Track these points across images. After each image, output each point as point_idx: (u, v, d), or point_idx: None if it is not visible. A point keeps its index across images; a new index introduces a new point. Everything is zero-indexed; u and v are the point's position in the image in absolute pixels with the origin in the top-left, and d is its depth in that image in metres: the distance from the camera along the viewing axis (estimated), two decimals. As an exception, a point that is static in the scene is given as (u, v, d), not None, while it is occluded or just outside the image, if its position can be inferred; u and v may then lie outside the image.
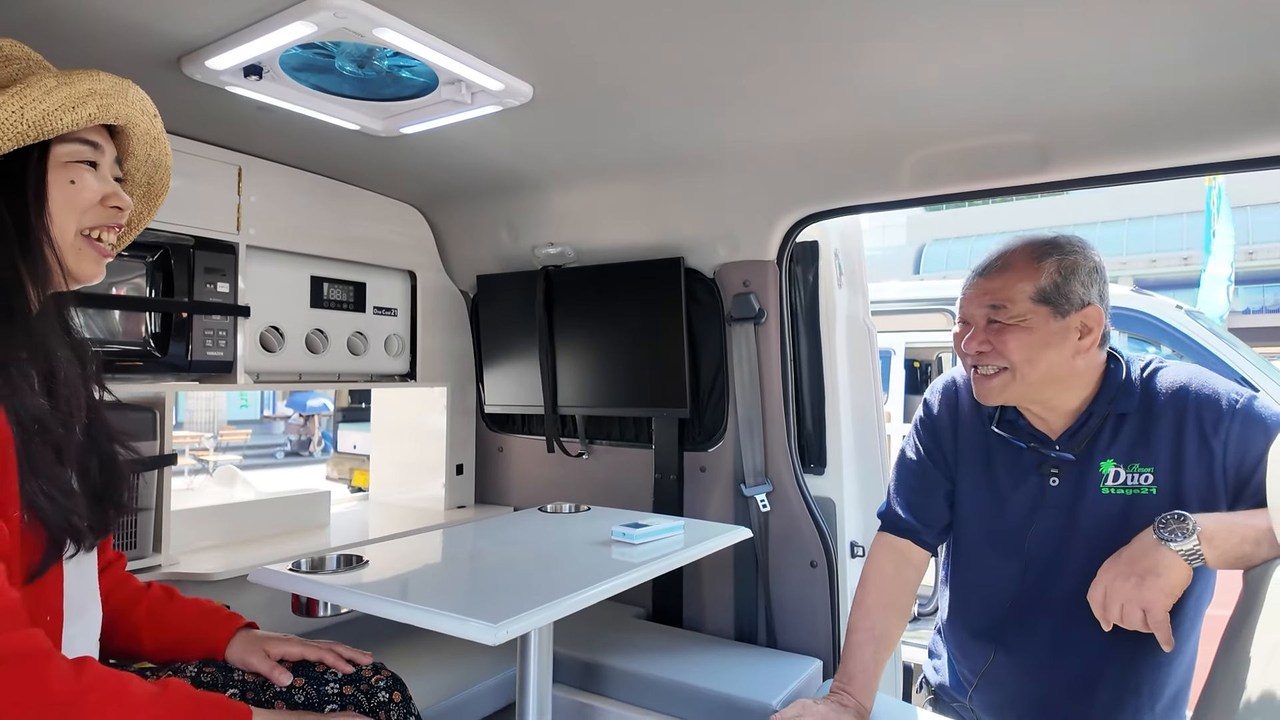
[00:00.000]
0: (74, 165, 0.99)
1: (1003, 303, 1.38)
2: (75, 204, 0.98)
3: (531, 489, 2.61)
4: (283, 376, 2.17)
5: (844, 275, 2.19)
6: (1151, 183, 1.63)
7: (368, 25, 1.25)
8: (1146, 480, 1.35)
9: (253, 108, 1.61)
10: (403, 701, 1.29)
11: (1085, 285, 1.36)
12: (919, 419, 1.64)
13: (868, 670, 1.49)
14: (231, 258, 1.93)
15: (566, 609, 1.14)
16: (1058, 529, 1.42)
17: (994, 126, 1.59)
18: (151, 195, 1.18)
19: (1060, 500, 1.42)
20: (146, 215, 1.20)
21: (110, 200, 1.02)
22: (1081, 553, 1.38)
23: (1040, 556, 1.43)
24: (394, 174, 2.19)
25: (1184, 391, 1.36)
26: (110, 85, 0.99)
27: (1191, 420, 1.33)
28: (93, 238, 1.01)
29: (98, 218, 1.01)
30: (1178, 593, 1.18)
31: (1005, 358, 1.38)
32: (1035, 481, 1.44)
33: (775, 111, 1.60)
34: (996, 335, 1.39)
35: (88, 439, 1.05)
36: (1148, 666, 1.38)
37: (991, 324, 1.40)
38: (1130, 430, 1.38)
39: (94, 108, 0.97)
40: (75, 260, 1.00)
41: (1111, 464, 1.38)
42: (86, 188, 0.99)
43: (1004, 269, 1.40)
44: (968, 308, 1.44)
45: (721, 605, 2.14)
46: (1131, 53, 1.26)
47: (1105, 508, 1.37)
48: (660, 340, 2.15)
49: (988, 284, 1.41)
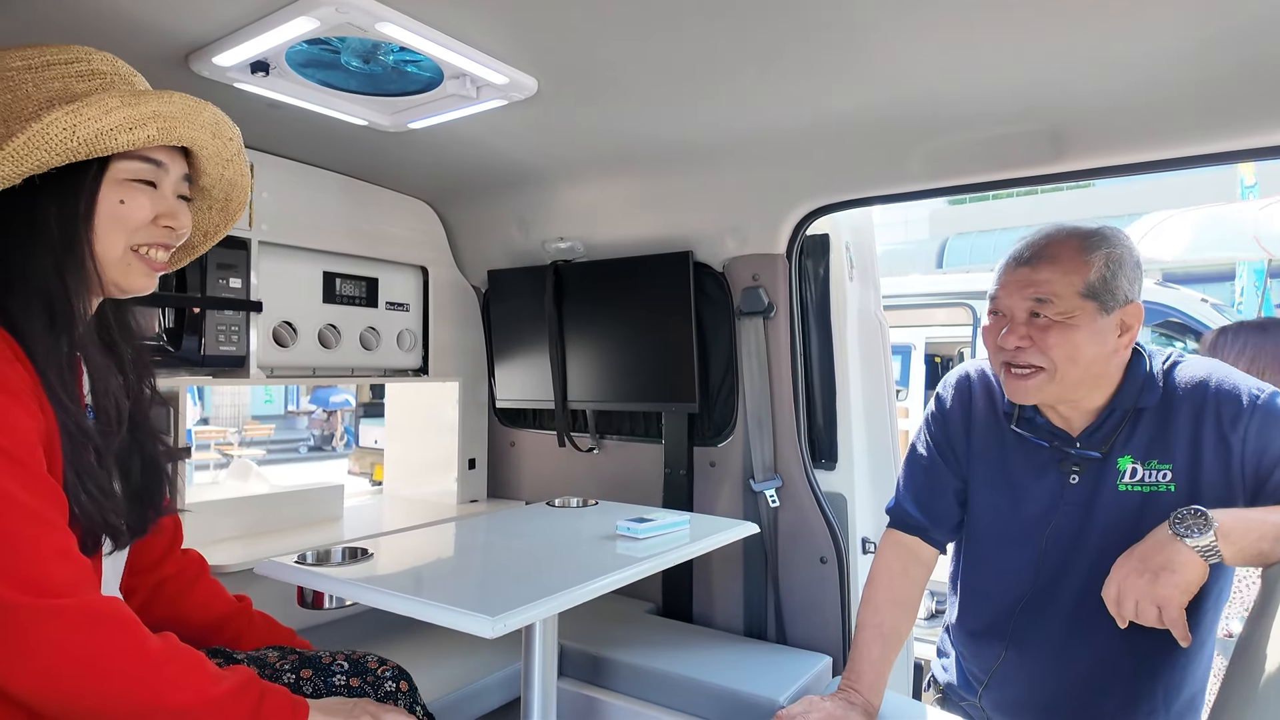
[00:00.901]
0: (130, 184, 0.99)
1: (1049, 297, 1.29)
2: (124, 223, 0.99)
3: (543, 483, 2.62)
4: (296, 371, 2.19)
5: (855, 268, 2.16)
6: (1171, 172, 1.59)
7: (370, 20, 1.25)
8: (1165, 477, 1.32)
9: (262, 104, 1.62)
10: (409, 691, 1.31)
11: (1130, 280, 1.30)
12: (930, 414, 1.60)
13: (876, 668, 1.47)
14: (244, 253, 1.95)
15: (565, 603, 1.14)
16: (1073, 527, 1.38)
17: (1007, 115, 1.56)
18: (229, 210, 1.20)
19: (1078, 498, 1.38)
20: (223, 227, 1.22)
21: (164, 220, 1.02)
22: (1095, 550, 1.35)
23: (1054, 554, 1.40)
24: (404, 170, 2.20)
25: (1203, 386, 1.32)
26: (180, 108, 1.00)
27: (1210, 416, 1.30)
28: (143, 253, 1.02)
29: (149, 236, 1.02)
30: (1194, 589, 1.15)
31: (1047, 356, 1.30)
32: (1054, 479, 1.41)
33: (783, 103, 1.58)
34: (1040, 332, 1.30)
35: (131, 439, 1.08)
36: (1164, 667, 1.35)
37: (1034, 318, 1.31)
38: (1148, 426, 1.34)
39: (154, 129, 0.97)
40: (122, 274, 1.01)
41: (1129, 460, 1.34)
42: (137, 208, 1.00)
43: (1052, 260, 1.30)
44: (1006, 299, 1.34)
45: (731, 601, 2.13)
46: (1147, 38, 1.23)
47: (1122, 505, 1.34)
48: (669, 335, 2.14)
49: (1033, 275, 1.31)
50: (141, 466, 1.09)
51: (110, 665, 0.87)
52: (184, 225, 1.05)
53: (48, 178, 0.93)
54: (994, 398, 1.50)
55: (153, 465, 1.10)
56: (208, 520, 2.00)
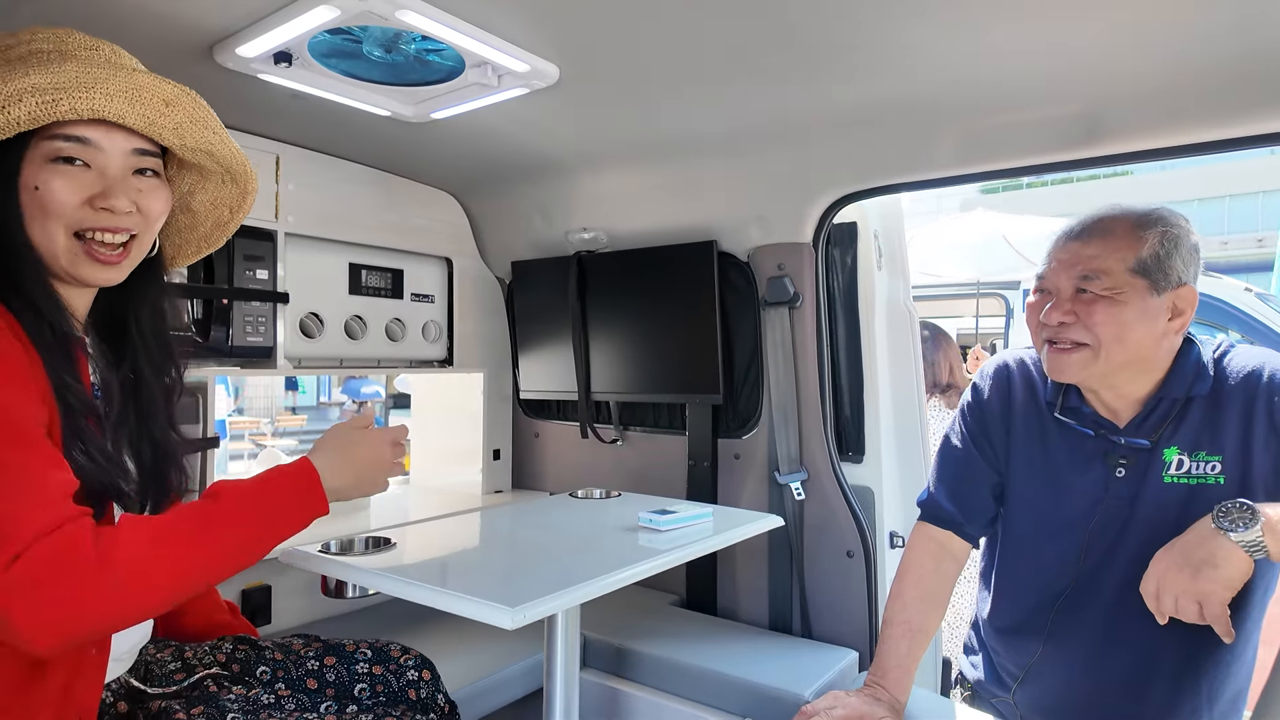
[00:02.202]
0: (53, 165, 0.93)
1: (1096, 272, 1.26)
2: (46, 208, 0.93)
3: (567, 475, 2.62)
4: (322, 362, 2.21)
5: (884, 257, 2.12)
6: (1209, 155, 1.53)
7: (390, 8, 1.24)
8: (1214, 469, 1.27)
9: (286, 95, 1.63)
10: (431, 679, 1.31)
11: (1185, 262, 1.26)
12: (966, 404, 1.55)
13: (903, 664, 1.45)
14: (271, 245, 1.97)
15: (586, 595, 1.13)
16: (1120, 520, 1.34)
17: (1039, 98, 1.51)
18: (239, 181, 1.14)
19: (1125, 491, 1.34)
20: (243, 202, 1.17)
21: (98, 201, 0.95)
22: (1137, 543, 1.30)
23: (1096, 548, 1.36)
24: (428, 161, 2.20)
25: (1255, 376, 1.27)
26: (74, 78, 0.91)
27: (1262, 406, 1.25)
28: (90, 241, 0.96)
29: (86, 220, 0.95)
30: (1237, 585, 1.11)
31: (1091, 332, 1.27)
32: (1099, 470, 1.36)
33: (808, 89, 1.55)
34: (1085, 306, 1.27)
35: (140, 425, 1.08)
36: (1209, 664, 1.30)
37: (1080, 294, 1.28)
38: (1196, 416, 1.29)
39: (33, 104, 0.88)
40: (70, 264, 0.96)
41: (1175, 451, 1.30)
42: (56, 191, 0.93)
43: (1104, 235, 1.28)
44: (1054, 276, 1.32)
45: (756, 594, 2.12)
46: (1183, 17, 1.18)
47: (1166, 497, 1.29)
48: (693, 325, 2.12)
49: (1083, 249, 1.28)
50: (153, 453, 1.08)
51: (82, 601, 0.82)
52: (123, 206, 0.96)
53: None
54: (1035, 388, 1.46)
55: (163, 453, 1.09)
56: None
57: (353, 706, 1.21)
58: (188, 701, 1.14)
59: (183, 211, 1.18)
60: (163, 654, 1.23)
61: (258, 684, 1.22)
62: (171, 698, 1.15)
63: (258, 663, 1.25)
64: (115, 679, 1.12)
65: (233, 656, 1.26)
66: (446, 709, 1.31)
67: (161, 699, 1.14)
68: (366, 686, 1.27)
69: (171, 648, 1.25)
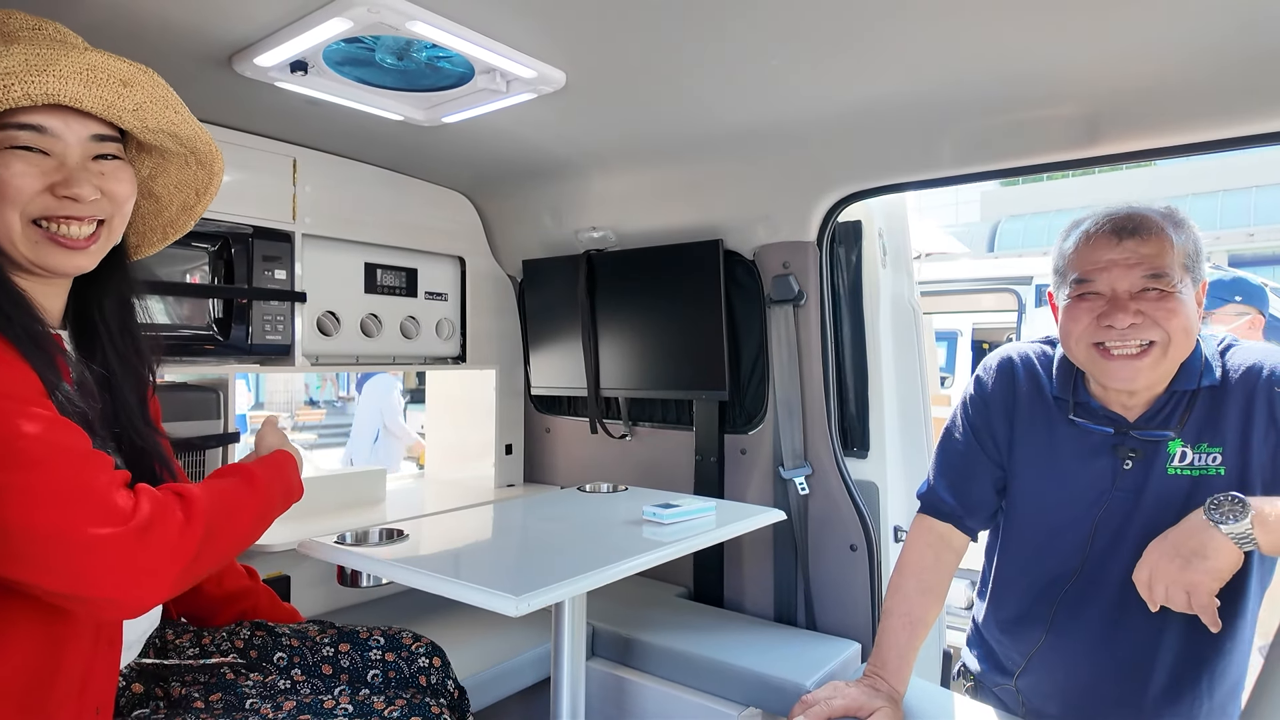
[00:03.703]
0: (8, 152, 0.91)
1: (1161, 269, 1.25)
2: (2, 196, 0.90)
3: (577, 469, 2.67)
4: (339, 359, 2.26)
5: (888, 255, 2.15)
6: (1214, 154, 1.54)
7: (401, 19, 1.29)
8: (1215, 461, 1.29)
9: (302, 102, 1.68)
10: (442, 666, 1.36)
11: (1204, 258, 1.31)
12: (968, 397, 1.55)
13: (902, 655, 1.47)
14: (288, 246, 2.03)
15: (589, 585, 1.17)
16: (1126, 511, 1.36)
17: (1040, 99, 1.53)
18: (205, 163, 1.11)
19: (1131, 484, 1.36)
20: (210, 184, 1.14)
21: (61, 190, 0.93)
22: (1140, 535, 1.32)
23: (1101, 540, 1.38)
24: (441, 162, 2.25)
25: (1255, 370, 1.30)
26: (21, 63, 0.88)
27: (1262, 400, 1.27)
28: (51, 230, 0.94)
29: (46, 208, 0.93)
30: (1225, 576, 1.13)
31: (1161, 329, 1.25)
32: (1107, 464, 1.38)
33: (813, 89, 1.58)
34: (1153, 304, 1.26)
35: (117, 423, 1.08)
36: (1209, 652, 1.33)
37: (1146, 293, 1.27)
38: (1200, 410, 1.32)
39: None
40: (33, 252, 0.94)
41: (1179, 444, 1.32)
42: (18, 175, 0.90)
43: (1157, 233, 1.27)
44: (1111, 277, 1.29)
45: (761, 586, 2.15)
46: (1185, 16, 1.20)
47: (1170, 488, 1.32)
48: (700, 322, 2.16)
49: (1140, 248, 1.27)
50: (135, 453, 1.08)
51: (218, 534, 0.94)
52: (88, 195, 0.94)
53: None
54: (1039, 381, 1.47)
55: (146, 452, 1.10)
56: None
57: (365, 690, 1.26)
58: (206, 688, 1.19)
59: (145, 197, 1.13)
60: (181, 639, 1.28)
61: (274, 669, 1.27)
62: (185, 673, 1.21)
63: (274, 649, 1.31)
64: (126, 665, 1.16)
65: (250, 643, 1.31)
66: (456, 694, 1.35)
67: (181, 686, 1.20)
68: (379, 673, 1.32)
69: (190, 633, 1.30)
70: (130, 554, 0.84)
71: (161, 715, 1.13)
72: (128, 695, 1.15)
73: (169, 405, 1.77)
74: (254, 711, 1.14)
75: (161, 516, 0.87)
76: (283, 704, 1.16)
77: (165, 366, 1.83)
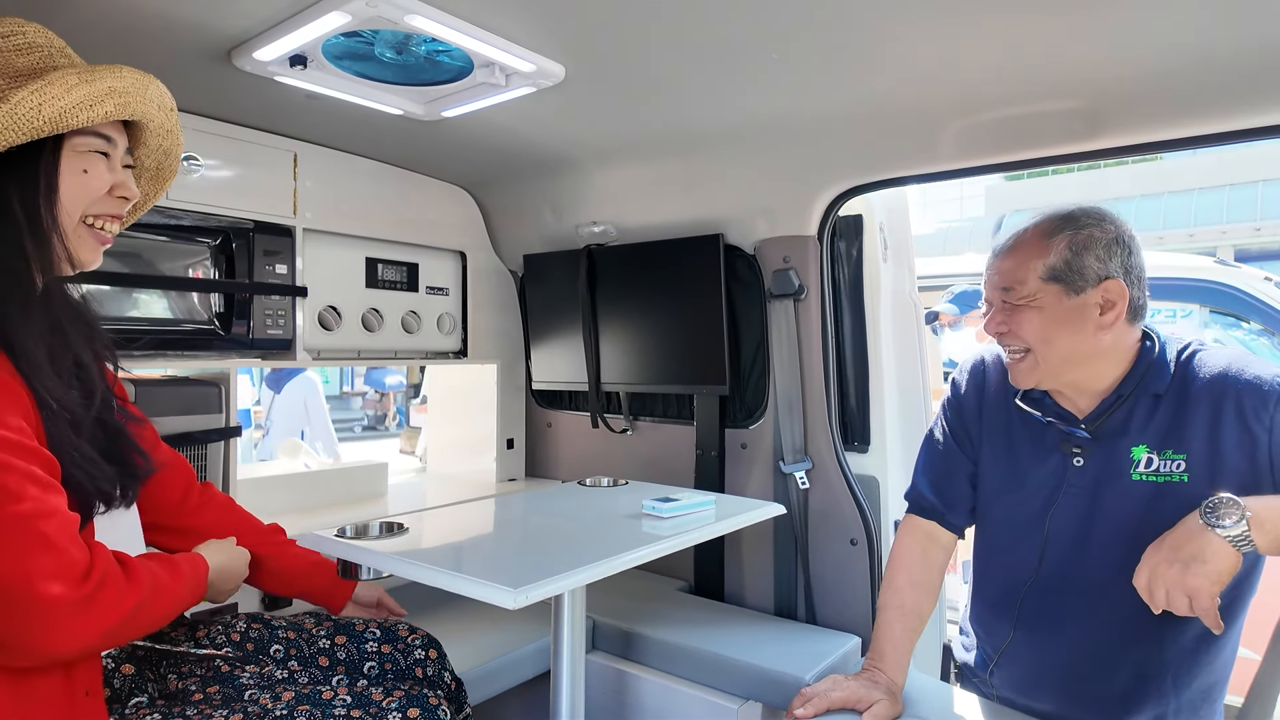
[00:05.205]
0: (88, 155, 1.01)
1: (1012, 284, 1.37)
2: (85, 193, 1.01)
3: (578, 464, 2.67)
4: (341, 354, 2.27)
5: (889, 249, 2.14)
6: (1216, 147, 1.54)
7: (399, 13, 1.29)
8: (1179, 467, 1.31)
9: (302, 96, 1.69)
10: (438, 659, 1.37)
11: (1102, 259, 1.32)
12: (946, 399, 1.63)
13: (898, 647, 1.49)
14: (289, 240, 2.03)
15: (586, 578, 1.17)
16: (1081, 511, 1.39)
17: (1040, 93, 1.52)
18: (159, 179, 1.22)
19: (1084, 482, 1.39)
20: (153, 197, 1.24)
21: (118, 190, 1.05)
22: (1105, 536, 1.36)
23: (1061, 537, 1.41)
24: (441, 157, 2.25)
25: (1223, 376, 1.31)
26: (132, 83, 1.02)
27: (1231, 406, 1.28)
28: (95, 226, 1.05)
29: (104, 207, 1.04)
30: (1225, 579, 1.14)
31: (1020, 338, 1.37)
32: (1058, 461, 1.42)
33: (812, 83, 1.57)
34: (1010, 316, 1.38)
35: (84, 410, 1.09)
36: (1172, 651, 1.35)
37: (1005, 305, 1.38)
38: (1164, 416, 1.33)
39: (111, 105, 0.99)
40: (76, 246, 1.03)
41: (1144, 450, 1.34)
42: (98, 178, 1.02)
43: (1015, 249, 1.39)
44: (986, 289, 1.45)
45: (762, 580, 2.15)
46: (1184, 10, 1.19)
47: (1134, 494, 1.34)
48: (700, 317, 2.16)
49: (1000, 264, 1.40)
50: (105, 436, 1.11)
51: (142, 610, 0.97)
52: (135, 195, 1.08)
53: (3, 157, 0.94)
54: (1006, 381, 1.51)
55: (115, 433, 1.13)
56: (259, 495, 2.10)
57: (362, 681, 1.27)
58: (203, 680, 1.20)
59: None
60: (176, 632, 1.29)
61: (271, 662, 1.28)
62: (180, 663, 1.22)
63: (270, 641, 1.32)
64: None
65: (246, 635, 1.32)
66: (453, 686, 1.36)
67: (178, 679, 1.21)
68: (375, 664, 1.33)
69: (185, 626, 1.31)
70: (74, 615, 0.88)
71: (159, 705, 1.14)
72: (120, 677, 1.16)
73: (171, 400, 1.79)
74: (253, 702, 1.15)
75: (109, 582, 0.93)
76: (281, 694, 1.17)
77: (167, 361, 1.86)
